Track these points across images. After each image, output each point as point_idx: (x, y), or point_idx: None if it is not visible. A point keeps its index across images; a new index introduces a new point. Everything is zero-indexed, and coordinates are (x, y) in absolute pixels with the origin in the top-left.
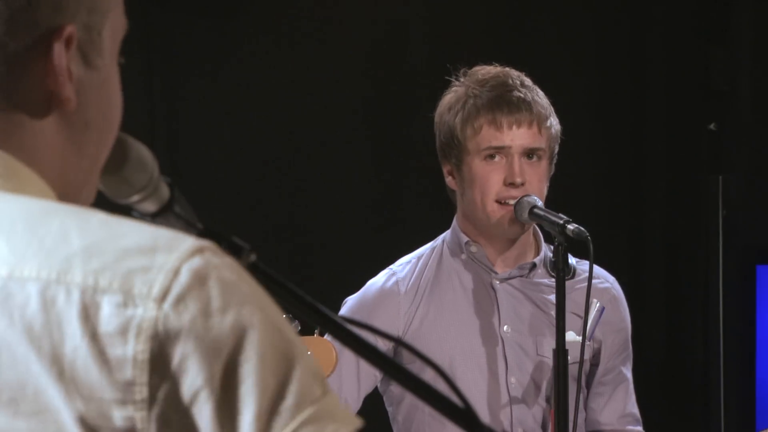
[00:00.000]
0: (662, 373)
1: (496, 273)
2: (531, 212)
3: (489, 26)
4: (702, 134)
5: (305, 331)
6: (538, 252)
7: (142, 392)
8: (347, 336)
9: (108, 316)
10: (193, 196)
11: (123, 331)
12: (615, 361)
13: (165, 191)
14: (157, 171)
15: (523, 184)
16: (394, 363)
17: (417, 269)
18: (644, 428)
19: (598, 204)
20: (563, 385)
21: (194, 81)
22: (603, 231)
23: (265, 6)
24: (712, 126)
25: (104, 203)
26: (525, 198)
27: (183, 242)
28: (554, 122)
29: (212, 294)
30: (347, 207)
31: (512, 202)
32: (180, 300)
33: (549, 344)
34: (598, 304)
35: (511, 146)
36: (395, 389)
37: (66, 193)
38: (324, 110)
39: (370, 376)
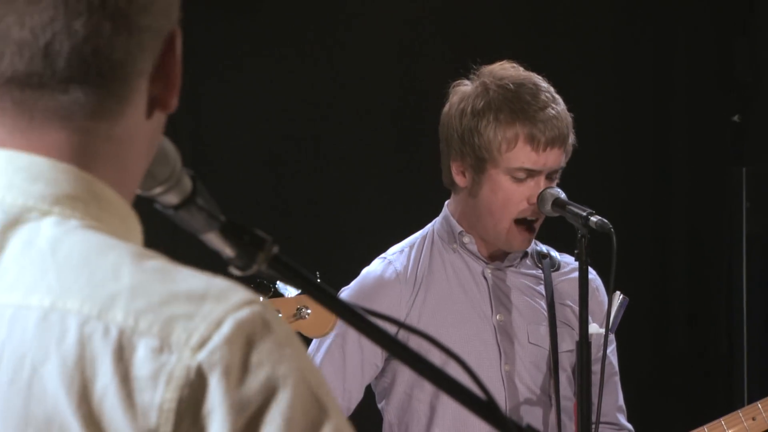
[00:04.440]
0: (686, 366)
1: (487, 263)
2: (554, 204)
3: (511, 14)
4: (726, 126)
5: None
6: None
7: None
8: (369, 329)
9: (142, 359)
10: (216, 188)
11: (154, 376)
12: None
13: (187, 184)
14: (180, 163)
15: None
16: (419, 356)
17: (412, 258)
18: (666, 421)
19: (621, 196)
20: (586, 378)
21: (217, 73)
22: (626, 223)
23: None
24: (736, 118)
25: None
26: (548, 189)
27: (235, 293)
28: (573, 137)
29: (250, 349)
30: (370, 201)
31: (531, 219)
32: (216, 351)
33: (540, 332)
34: (621, 297)
35: (542, 170)
36: (387, 381)
37: (130, 192)
38: (346, 105)
39: (372, 366)
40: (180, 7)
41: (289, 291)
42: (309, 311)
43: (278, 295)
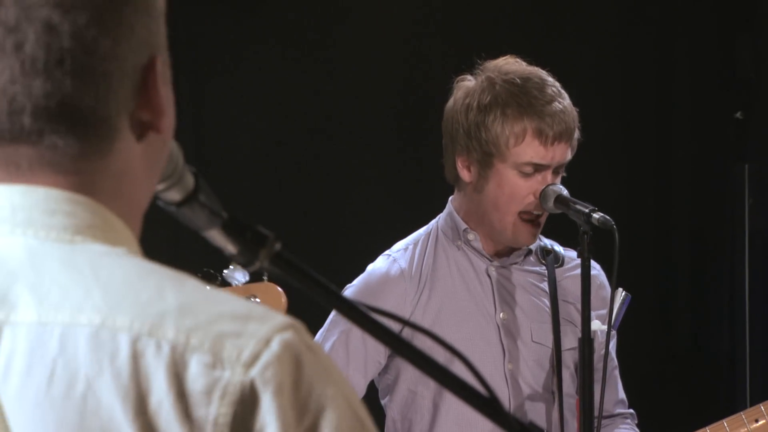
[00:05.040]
0: (688, 362)
1: (491, 260)
2: (557, 200)
3: (513, 11)
4: (728, 123)
5: (254, 277)
6: None
7: None
8: (373, 326)
9: (195, 375)
10: (217, 186)
11: (208, 391)
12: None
13: (190, 180)
14: (182, 160)
15: None
16: (423, 354)
17: (417, 256)
18: (669, 417)
19: (623, 193)
20: (588, 375)
21: (219, 72)
22: (629, 220)
23: None
24: (738, 114)
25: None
26: (550, 186)
27: (276, 317)
28: (578, 132)
29: (300, 369)
30: (372, 199)
31: (537, 213)
32: (267, 368)
33: (544, 330)
34: (623, 294)
35: (550, 165)
36: (390, 378)
37: (136, 219)
38: (348, 102)
39: (376, 363)
40: (164, 33)
41: (236, 280)
42: (258, 300)
43: (226, 284)
